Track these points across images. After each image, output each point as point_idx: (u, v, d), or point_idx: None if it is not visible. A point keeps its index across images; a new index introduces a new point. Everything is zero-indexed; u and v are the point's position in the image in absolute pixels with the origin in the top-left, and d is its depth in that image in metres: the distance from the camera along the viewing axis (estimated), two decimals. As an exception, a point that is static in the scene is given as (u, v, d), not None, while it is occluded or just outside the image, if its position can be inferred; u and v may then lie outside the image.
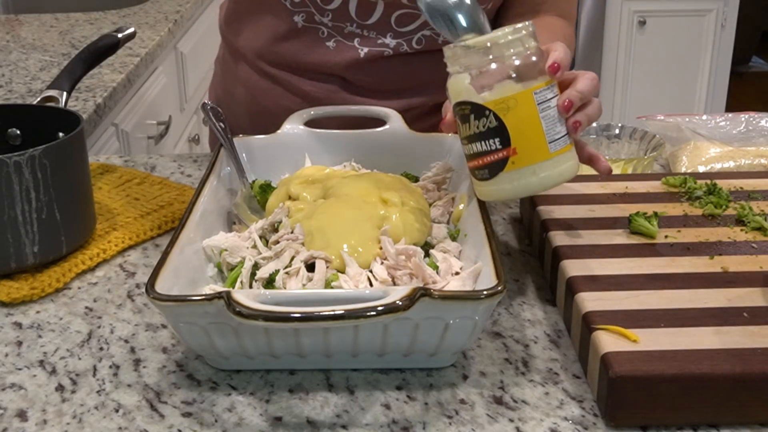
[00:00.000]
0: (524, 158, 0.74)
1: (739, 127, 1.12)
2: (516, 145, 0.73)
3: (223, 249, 0.78)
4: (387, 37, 1.07)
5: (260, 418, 0.65)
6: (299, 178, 0.88)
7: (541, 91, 0.74)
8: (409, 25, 1.06)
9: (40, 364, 0.72)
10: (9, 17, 2.02)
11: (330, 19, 1.06)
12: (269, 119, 0.99)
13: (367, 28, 1.07)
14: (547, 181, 0.75)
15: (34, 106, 0.94)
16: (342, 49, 1.08)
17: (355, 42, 1.08)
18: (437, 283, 0.73)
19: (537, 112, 0.73)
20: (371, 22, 1.06)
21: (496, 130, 0.73)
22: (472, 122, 0.75)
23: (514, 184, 0.75)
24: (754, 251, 0.77)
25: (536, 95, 0.73)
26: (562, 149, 0.75)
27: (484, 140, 0.74)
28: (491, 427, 0.63)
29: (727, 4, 3.37)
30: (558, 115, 0.75)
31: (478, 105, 0.74)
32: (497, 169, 0.75)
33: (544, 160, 0.74)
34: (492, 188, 0.76)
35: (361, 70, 1.09)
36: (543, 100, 0.74)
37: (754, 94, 4.60)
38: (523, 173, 0.74)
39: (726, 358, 0.61)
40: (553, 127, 0.74)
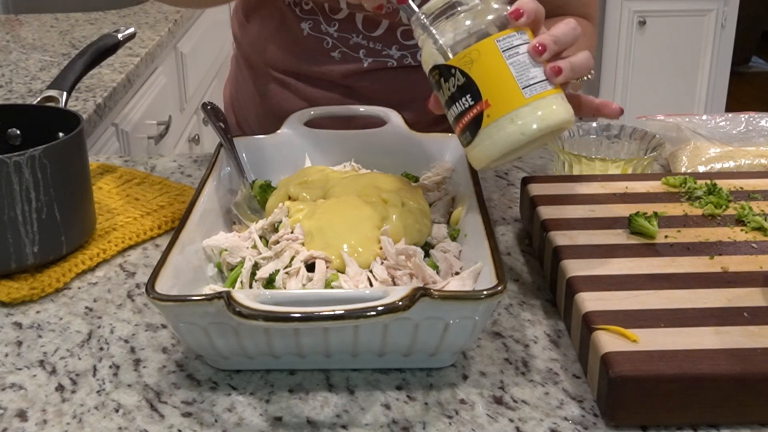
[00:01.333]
0: (499, 108, 0.70)
1: (739, 127, 1.12)
2: (487, 97, 0.70)
3: (223, 249, 0.78)
4: (392, 49, 1.07)
5: (260, 418, 0.65)
6: (299, 178, 0.88)
7: (506, 38, 0.70)
8: (413, 39, 1.06)
9: (40, 364, 0.72)
10: (9, 17, 2.02)
11: (336, 29, 1.06)
12: (275, 121, 0.99)
13: (373, 40, 1.07)
14: (527, 127, 0.70)
15: (34, 106, 0.94)
16: (347, 59, 1.08)
17: (360, 53, 1.08)
18: (437, 283, 0.73)
19: (503, 58, 0.70)
20: (377, 34, 1.06)
21: (464, 86, 0.71)
22: (443, 86, 0.72)
23: (494, 138, 0.71)
24: (754, 251, 0.77)
25: (500, 42, 0.70)
26: (541, 93, 0.70)
27: (457, 101, 0.72)
28: (491, 427, 0.63)
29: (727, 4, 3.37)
30: (530, 59, 0.71)
31: (444, 65, 0.71)
32: (476, 127, 0.71)
33: (520, 106, 0.70)
34: (477, 150, 0.72)
35: (364, 78, 1.09)
36: (508, 47, 0.70)
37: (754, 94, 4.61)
38: (501, 124, 0.70)
39: (726, 358, 0.61)
40: (525, 72, 0.70)
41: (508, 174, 1.07)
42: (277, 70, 1.14)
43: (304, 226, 0.78)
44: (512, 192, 1.02)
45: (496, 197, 1.01)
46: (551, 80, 0.71)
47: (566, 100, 0.73)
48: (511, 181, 1.05)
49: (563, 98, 0.72)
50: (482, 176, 1.05)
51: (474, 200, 0.79)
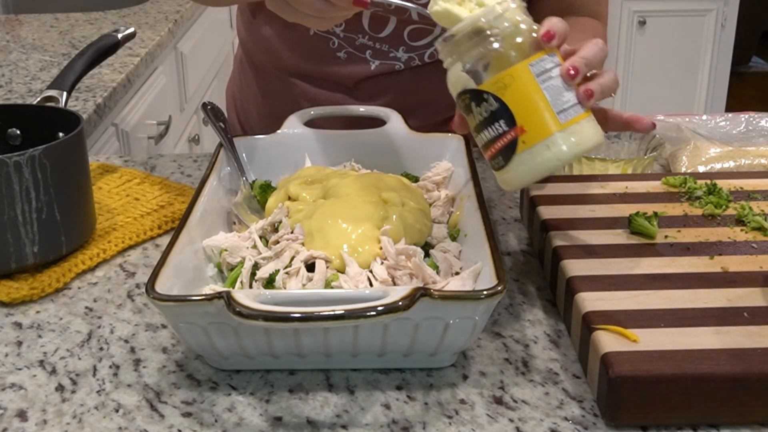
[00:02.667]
0: (534, 135, 0.69)
1: (739, 127, 1.12)
2: (522, 123, 0.69)
3: (223, 249, 0.78)
4: (399, 50, 1.07)
5: (260, 418, 0.65)
6: (299, 178, 0.88)
7: (538, 61, 0.69)
8: (421, 39, 1.06)
9: (40, 364, 0.72)
10: (9, 17, 2.02)
11: (342, 29, 1.06)
12: (277, 121, 0.99)
13: (380, 41, 1.06)
14: (564, 154, 0.69)
15: (34, 106, 0.94)
16: (353, 60, 1.08)
17: (366, 54, 1.08)
18: (437, 283, 0.73)
19: (537, 83, 0.69)
20: (384, 35, 1.06)
21: (498, 111, 0.70)
22: (474, 111, 0.71)
23: (529, 165, 0.70)
24: (754, 251, 0.77)
25: (532, 67, 0.69)
26: (576, 118, 0.70)
27: (490, 125, 0.70)
28: (491, 427, 0.63)
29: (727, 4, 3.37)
30: (563, 84, 0.70)
31: (476, 90, 0.70)
32: (510, 153, 0.70)
33: (556, 132, 0.69)
34: (510, 175, 0.71)
35: (371, 83, 1.09)
36: (542, 71, 0.69)
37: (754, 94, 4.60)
38: (537, 150, 0.69)
39: (726, 358, 0.61)
40: (559, 96, 0.69)
41: (508, 174, 1.07)
42: (282, 70, 1.14)
43: (304, 226, 0.78)
44: (512, 192, 1.02)
45: (496, 197, 1.01)
46: (583, 103, 0.71)
47: (596, 121, 0.72)
48: (511, 181, 1.05)
49: (593, 120, 0.72)
50: (482, 176, 1.05)
51: (474, 200, 0.79)
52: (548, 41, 0.70)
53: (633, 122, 0.78)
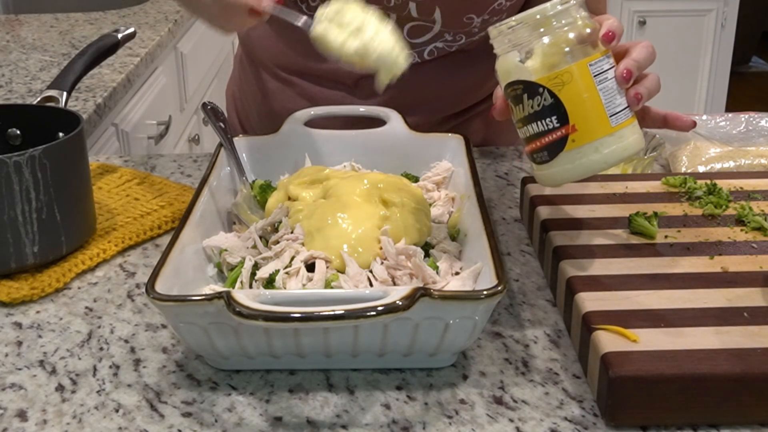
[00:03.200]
0: (585, 135, 0.69)
1: (739, 127, 1.12)
2: (575, 122, 0.69)
3: (223, 249, 0.78)
4: None
5: (260, 418, 0.65)
6: (299, 178, 0.88)
7: (597, 62, 0.69)
8: (421, 36, 1.06)
9: (40, 364, 0.72)
10: (9, 17, 2.02)
11: None
12: (277, 121, 0.99)
13: None
14: (611, 157, 0.70)
15: (34, 106, 0.94)
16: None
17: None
18: (437, 283, 0.73)
19: (594, 84, 0.69)
20: None
21: (552, 107, 0.69)
22: (525, 102, 0.70)
23: (575, 164, 0.70)
24: (754, 251, 0.77)
25: (591, 67, 0.69)
26: (625, 122, 0.70)
27: (540, 120, 0.70)
28: (491, 427, 0.63)
29: (727, 4, 3.37)
30: (617, 87, 0.70)
31: (531, 83, 0.70)
32: (557, 150, 0.70)
33: (606, 135, 0.69)
34: (552, 171, 0.71)
35: (369, 80, 1.09)
36: (599, 72, 0.69)
37: (754, 94, 4.60)
38: (585, 151, 0.70)
39: (726, 358, 0.61)
40: (613, 99, 0.70)
41: (508, 174, 1.07)
42: (282, 68, 1.14)
43: (303, 226, 0.78)
44: (512, 192, 1.02)
45: (496, 197, 1.01)
46: (632, 107, 0.71)
47: (639, 127, 0.73)
48: (511, 181, 1.05)
49: (638, 125, 0.73)
50: (482, 176, 1.05)
51: (474, 200, 0.79)
52: (609, 42, 0.70)
53: (672, 120, 0.78)
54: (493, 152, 1.14)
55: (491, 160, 1.12)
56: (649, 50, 0.74)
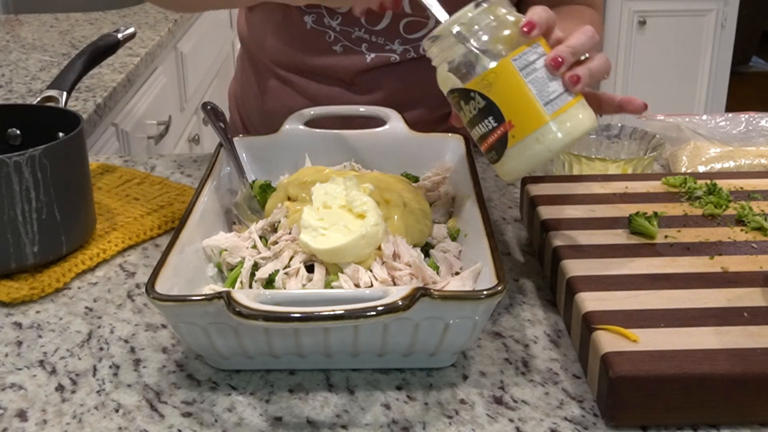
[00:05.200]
0: (523, 128, 0.70)
1: (739, 127, 1.12)
2: (510, 118, 0.70)
3: (223, 249, 0.78)
4: (395, 43, 1.07)
5: (260, 418, 0.65)
6: (299, 178, 0.88)
7: (521, 56, 0.70)
8: (417, 32, 1.06)
9: (40, 364, 0.72)
10: (9, 17, 2.02)
11: (339, 22, 1.07)
12: (277, 119, 0.99)
13: (376, 33, 1.07)
14: (554, 144, 0.70)
15: (34, 106, 0.94)
16: (349, 54, 1.08)
17: (362, 47, 1.08)
18: (437, 283, 0.73)
19: (521, 78, 0.69)
20: (380, 28, 1.06)
21: (486, 109, 0.70)
22: (464, 108, 0.72)
23: (521, 158, 0.71)
24: (754, 251, 0.77)
25: (515, 62, 0.69)
26: (564, 107, 0.70)
27: (480, 122, 0.71)
28: (491, 427, 0.63)
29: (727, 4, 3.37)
30: (548, 75, 0.70)
31: (462, 89, 0.71)
32: (502, 147, 0.71)
33: (544, 124, 0.70)
34: (505, 168, 0.72)
35: (367, 75, 1.09)
36: (525, 65, 0.70)
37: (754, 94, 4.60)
38: (527, 144, 0.70)
39: (726, 358, 0.61)
40: (545, 88, 0.70)
41: (508, 174, 1.07)
42: (280, 65, 1.14)
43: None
44: (512, 192, 1.02)
45: (496, 197, 1.01)
46: (570, 90, 0.71)
47: (587, 106, 0.72)
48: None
49: (584, 104, 0.72)
50: (482, 176, 1.05)
51: (474, 200, 0.79)
52: (528, 33, 0.70)
53: (625, 104, 0.77)
54: (493, 152, 1.14)
55: (491, 160, 1.12)
56: (587, 35, 0.73)
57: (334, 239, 0.72)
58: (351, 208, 0.74)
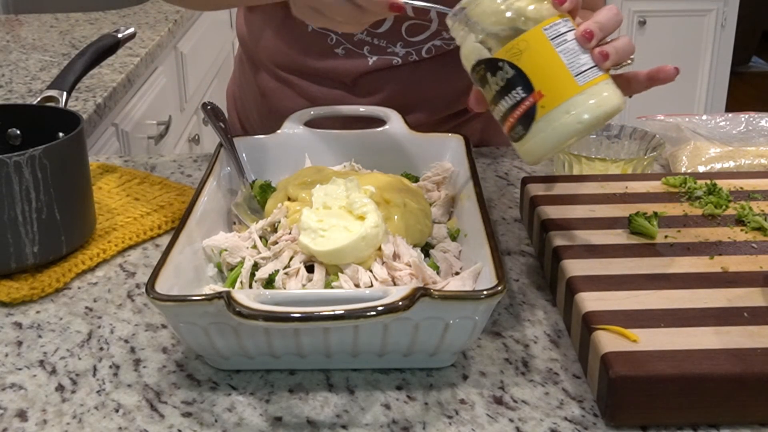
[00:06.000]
0: (553, 98, 0.68)
1: (739, 127, 1.12)
2: (540, 87, 0.68)
3: (223, 249, 0.78)
4: (397, 46, 1.07)
5: (260, 418, 0.65)
6: (298, 178, 0.88)
7: (552, 26, 0.68)
8: (419, 35, 1.06)
9: (40, 364, 0.72)
10: (9, 17, 2.02)
11: None
12: (276, 121, 0.99)
13: (378, 36, 1.07)
14: (585, 116, 0.68)
15: (34, 106, 0.94)
16: (351, 56, 1.08)
17: (364, 50, 1.08)
18: (437, 283, 0.73)
19: (552, 47, 0.68)
20: (382, 30, 1.06)
21: (515, 78, 0.68)
22: (490, 81, 0.70)
23: (550, 131, 0.68)
24: (754, 251, 0.77)
25: (546, 31, 0.68)
26: (594, 80, 0.68)
27: (507, 94, 0.69)
28: (491, 427, 0.63)
29: (727, 4, 3.37)
30: (579, 47, 0.69)
31: (490, 59, 0.69)
32: (530, 120, 0.69)
33: (575, 94, 0.68)
34: (531, 143, 0.70)
35: (369, 78, 1.09)
36: (556, 35, 0.68)
37: (754, 94, 4.60)
38: (557, 114, 0.68)
39: (726, 358, 0.61)
40: (576, 59, 0.68)
41: (508, 174, 1.07)
42: (280, 67, 1.14)
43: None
44: (512, 192, 1.02)
45: (496, 197, 1.01)
46: (600, 65, 0.69)
47: (615, 85, 0.71)
48: (511, 181, 1.05)
49: (612, 83, 0.71)
50: (482, 176, 1.05)
51: (474, 200, 0.79)
52: (560, 4, 0.69)
53: (654, 75, 0.76)
54: (493, 152, 1.14)
55: (491, 160, 1.12)
56: (612, 12, 0.72)
57: (334, 241, 0.72)
58: (351, 209, 0.74)
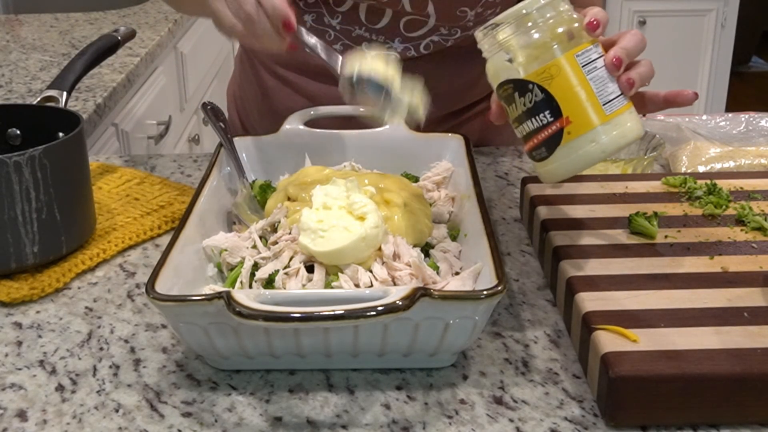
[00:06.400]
0: (580, 126, 0.69)
1: (739, 127, 1.12)
2: (568, 114, 0.69)
3: (223, 249, 0.78)
4: (395, 41, 1.07)
5: (260, 418, 0.65)
6: (298, 179, 0.88)
7: (584, 52, 0.69)
8: (417, 30, 1.06)
9: (40, 364, 0.72)
10: (9, 17, 2.02)
11: (339, 21, 1.07)
12: (277, 119, 1.00)
13: (376, 32, 1.07)
14: (609, 146, 0.69)
15: (34, 106, 0.94)
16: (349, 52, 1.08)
17: (362, 46, 1.08)
18: (437, 283, 0.73)
19: (583, 74, 0.69)
20: (380, 26, 1.06)
21: (543, 102, 0.69)
22: (517, 101, 0.71)
23: (574, 156, 0.70)
24: (754, 251, 0.77)
25: (579, 57, 0.69)
26: (620, 109, 0.70)
27: (534, 116, 0.70)
28: (491, 427, 0.63)
29: (727, 4, 3.37)
30: (607, 74, 0.70)
31: (520, 80, 0.70)
32: (554, 144, 0.70)
33: (602, 123, 0.69)
34: (553, 166, 0.71)
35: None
36: (587, 62, 0.69)
37: (754, 94, 4.60)
38: (582, 142, 0.69)
39: (726, 358, 0.61)
40: (605, 87, 0.69)
41: (508, 174, 1.07)
42: (280, 64, 1.14)
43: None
44: (512, 192, 1.02)
45: (496, 197, 1.01)
46: (626, 93, 0.71)
47: (636, 113, 0.72)
48: (511, 181, 1.05)
49: (635, 112, 0.72)
50: (482, 176, 1.05)
51: (474, 200, 0.79)
52: (593, 30, 0.70)
53: (672, 98, 0.77)
54: (493, 152, 1.14)
55: (491, 160, 1.12)
56: (638, 38, 0.73)
57: (334, 241, 0.72)
58: (351, 210, 0.74)
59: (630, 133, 0.70)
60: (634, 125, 0.71)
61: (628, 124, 0.71)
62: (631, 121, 0.71)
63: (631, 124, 0.71)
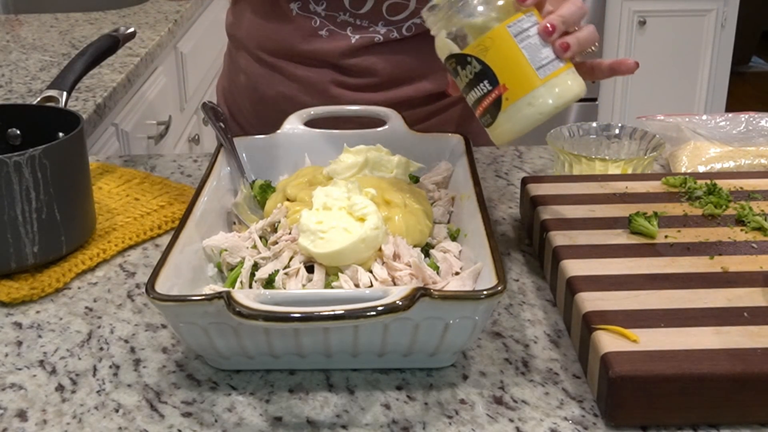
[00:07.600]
0: (516, 91, 0.74)
1: (739, 127, 1.12)
2: (504, 81, 0.74)
3: (223, 249, 0.78)
4: (378, 25, 1.11)
5: (260, 418, 0.65)
6: (298, 179, 0.88)
7: (516, 23, 0.74)
8: (399, 14, 1.10)
9: (40, 364, 0.72)
10: (9, 17, 2.02)
11: (324, 8, 1.10)
12: (269, 106, 1.01)
13: (360, 17, 1.10)
14: (545, 106, 0.74)
15: (34, 106, 0.94)
16: (335, 38, 1.11)
17: (347, 30, 1.11)
18: (437, 283, 0.73)
19: (515, 43, 0.74)
20: (364, 11, 1.10)
21: (481, 72, 0.75)
22: (461, 73, 0.76)
23: (514, 120, 0.75)
24: (754, 251, 0.77)
25: (510, 28, 0.74)
26: (555, 72, 0.74)
27: (475, 86, 0.76)
28: (491, 427, 0.63)
29: (727, 4, 3.37)
30: (541, 41, 0.74)
31: (459, 54, 0.76)
32: (496, 110, 0.75)
33: (537, 87, 0.74)
34: (498, 131, 0.76)
35: (353, 56, 1.12)
36: (519, 31, 0.74)
37: (754, 94, 4.60)
38: (520, 106, 0.74)
39: (726, 358, 0.61)
40: (537, 53, 0.74)
41: (508, 174, 1.07)
42: (267, 51, 1.16)
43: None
44: (512, 192, 1.02)
45: (496, 197, 1.01)
46: (561, 57, 0.75)
47: (577, 74, 0.77)
48: (511, 181, 1.05)
49: (574, 72, 0.76)
50: (482, 176, 1.05)
51: (474, 200, 0.79)
52: (522, 2, 0.75)
53: (616, 66, 0.82)
54: (493, 152, 1.14)
55: (491, 160, 1.12)
56: (576, 5, 0.77)
57: (334, 242, 0.72)
58: (352, 211, 0.75)
59: (568, 93, 0.75)
60: (571, 84, 0.75)
61: (567, 83, 0.75)
62: (569, 81, 0.75)
63: (568, 83, 0.75)
